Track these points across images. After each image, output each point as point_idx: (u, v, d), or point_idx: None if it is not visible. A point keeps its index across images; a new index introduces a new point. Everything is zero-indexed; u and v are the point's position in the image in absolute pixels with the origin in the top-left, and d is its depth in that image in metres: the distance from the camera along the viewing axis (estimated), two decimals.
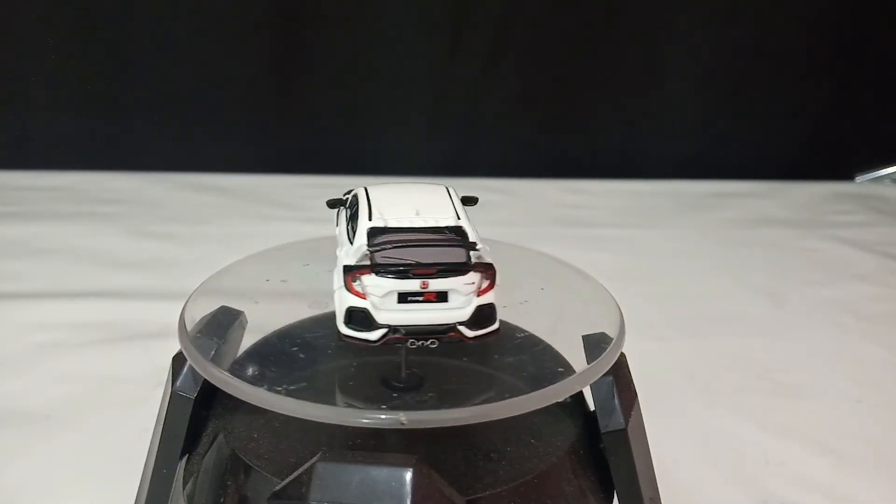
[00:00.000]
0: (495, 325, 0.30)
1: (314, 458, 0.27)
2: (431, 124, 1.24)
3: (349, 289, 0.29)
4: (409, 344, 0.30)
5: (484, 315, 0.29)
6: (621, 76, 1.24)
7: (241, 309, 0.37)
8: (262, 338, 0.37)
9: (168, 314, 0.40)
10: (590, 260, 0.54)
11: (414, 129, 1.23)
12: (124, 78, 1.14)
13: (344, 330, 0.30)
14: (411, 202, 0.32)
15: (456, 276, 0.28)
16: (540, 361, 0.35)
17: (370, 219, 0.30)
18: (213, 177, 1.16)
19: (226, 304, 0.36)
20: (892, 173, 1.34)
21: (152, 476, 0.35)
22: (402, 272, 0.28)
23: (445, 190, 0.33)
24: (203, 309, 0.36)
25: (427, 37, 1.18)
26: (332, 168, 1.15)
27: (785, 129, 1.29)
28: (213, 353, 0.33)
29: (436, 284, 0.28)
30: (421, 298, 0.29)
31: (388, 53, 1.17)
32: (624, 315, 0.36)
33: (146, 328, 0.73)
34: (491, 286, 0.29)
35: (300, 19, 1.14)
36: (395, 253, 0.29)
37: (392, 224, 0.30)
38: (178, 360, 0.34)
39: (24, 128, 1.16)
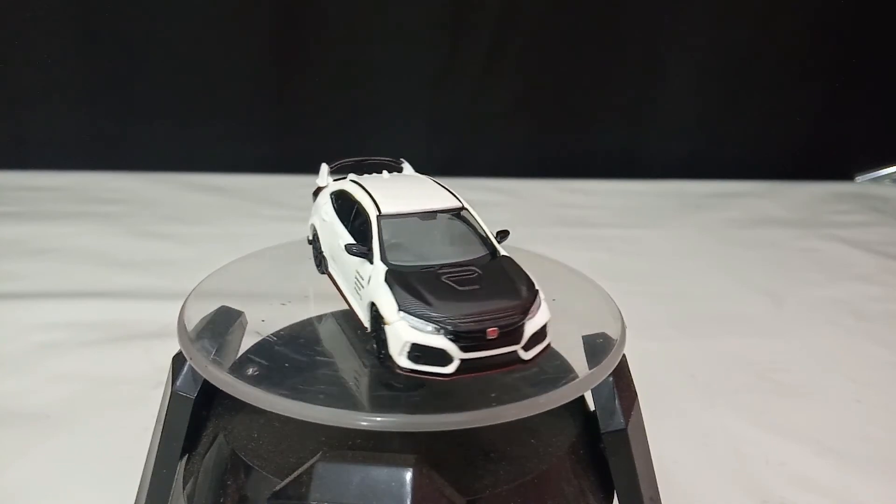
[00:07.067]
0: None
1: (314, 458, 0.27)
2: (431, 124, 1.24)
3: None
4: None
5: None
6: (621, 76, 1.24)
7: (241, 309, 0.37)
8: (263, 338, 0.37)
9: (168, 314, 0.40)
10: (590, 260, 0.54)
11: (414, 129, 1.23)
12: (124, 78, 1.14)
13: None
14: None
15: None
16: (541, 362, 0.35)
17: None
18: (213, 177, 1.16)
19: (225, 305, 0.36)
20: (892, 173, 1.34)
21: (152, 476, 0.35)
22: None
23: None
24: (203, 309, 0.36)
25: (427, 37, 1.18)
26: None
27: (785, 129, 1.29)
28: (213, 353, 0.33)
29: None
30: None
31: (388, 53, 1.17)
32: (624, 315, 0.36)
33: (146, 328, 0.73)
34: None
35: (300, 20, 1.14)
36: None
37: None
38: (178, 361, 0.34)
39: (24, 128, 1.16)
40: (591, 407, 0.34)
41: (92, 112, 1.16)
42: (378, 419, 0.28)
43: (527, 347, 0.30)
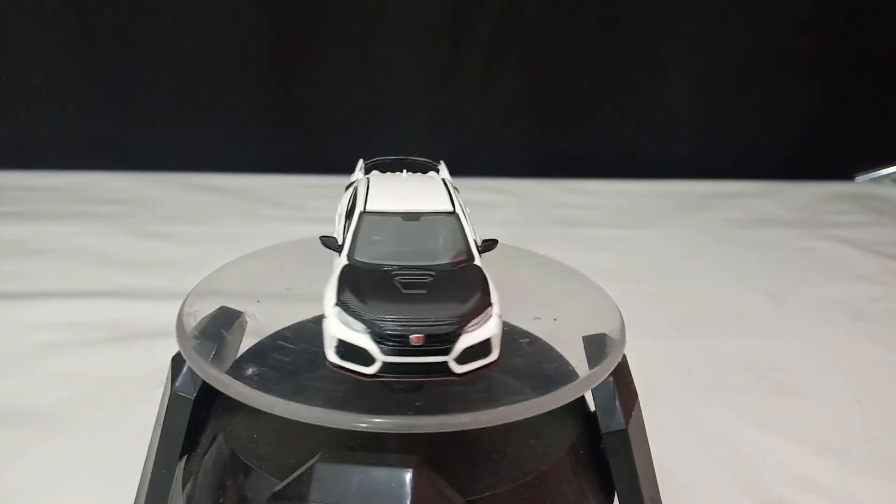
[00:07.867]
0: None
1: (314, 459, 0.27)
2: (431, 124, 1.24)
3: None
4: None
5: None
6: (621, 76, 1.24)
7: (240, 309, 0.37)
8: (262, 339, 0.36)
9: (168, 314, 0.40)
10: (590, 260, 0.54)
11: (414, 129, 1.23)
12: (125, 78, 1.14)
13: None
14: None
15: None
16: (542, 363, 0.35)
17: None
18: (213, 177, 1.16)
19: (225, 305, 0.36)
20: (891, 173, 1.34)
21: (152, 476, 0.35)
22: None
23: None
24: (202, 309, 0.36)
25: (427, 36, 1.18)
26: (332, 168, 1.15)
27: (784, 129, 1.29)
28: (212, 353, 0.33)
29: None
30: None
31: (389, 53, 1.17)
32: (624, 315, 0.36)
33: (146, 328, 0.73)
34: None
35: (300, 20, 1.14)
36: None
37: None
38: (178, 361, 0.34)
39: (25, 128, 1.16)
40: (592, 407, 0.34)
41: (92, 112, 1.16)
42: (377, 420, 0.28)
43: (461, 360, 0.28)
